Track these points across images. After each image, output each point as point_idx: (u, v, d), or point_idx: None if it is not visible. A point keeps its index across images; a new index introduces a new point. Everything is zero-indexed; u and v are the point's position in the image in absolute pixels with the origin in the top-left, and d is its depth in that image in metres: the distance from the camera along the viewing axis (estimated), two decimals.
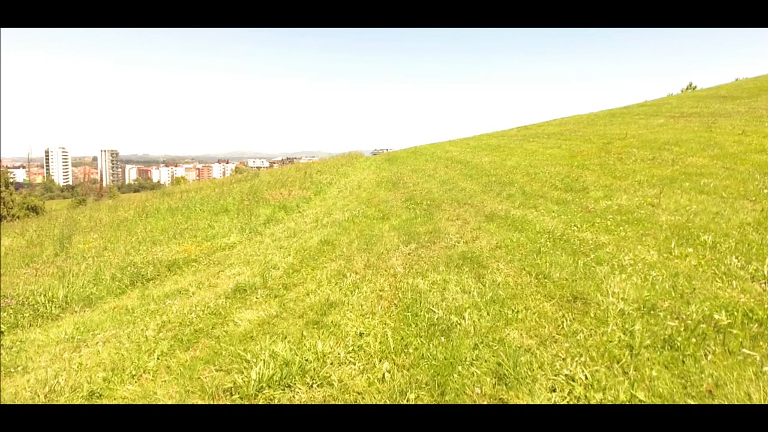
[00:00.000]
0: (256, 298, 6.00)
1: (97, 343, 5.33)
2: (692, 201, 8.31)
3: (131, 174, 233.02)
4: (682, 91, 51.00)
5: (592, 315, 4.07)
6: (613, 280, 4.82)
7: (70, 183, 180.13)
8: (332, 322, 4.64)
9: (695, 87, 52.60)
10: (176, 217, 15.36)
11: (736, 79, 40.11)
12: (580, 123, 28.15)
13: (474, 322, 4.21)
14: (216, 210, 15.45)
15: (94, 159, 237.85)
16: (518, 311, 4.33)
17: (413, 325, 4.34)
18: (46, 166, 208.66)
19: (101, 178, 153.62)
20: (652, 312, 3.97)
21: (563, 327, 3.95)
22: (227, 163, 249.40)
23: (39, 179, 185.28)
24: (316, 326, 4.61)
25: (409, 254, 7.10)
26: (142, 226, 14.88)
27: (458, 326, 4.18)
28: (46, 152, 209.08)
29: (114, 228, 15.62)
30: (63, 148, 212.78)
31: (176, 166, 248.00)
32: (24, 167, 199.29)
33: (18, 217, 46.89)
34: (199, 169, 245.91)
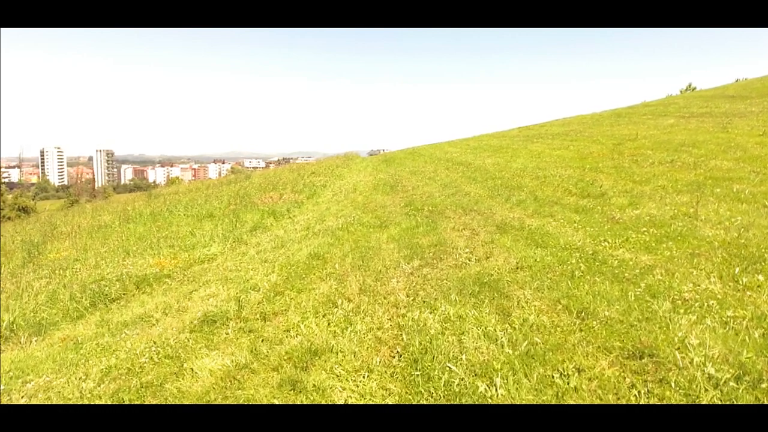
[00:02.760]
0: (226, 333, 4.91)
1: (23, 397, 4.23)
2: (733, 211, 7.26)
3: (127, 174, 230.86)
4: (681, 91, 49.97)
5: (674, 384, 2.97)
6: (681, 322, 3.73)
7: (66, 183, 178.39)
8: (314, 384, 3.51)
9: (695, 88, 51.58)
10: (158, 223, 14.23)
11: (737, 80, 39.20)
12: (585, 123, 27.14)
13: (510, 392, 3.10)
14: (200, 215, 14.32)
15: (90, 159, 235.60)
16: (568, 375, 3.22)
17: (424, 394, 3.23)
18: (42, 166, 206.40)
19: (93, 179, 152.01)
20: (759, 384, 2.88)
21: None
22: (223, 163, 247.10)
23: (34, 179, 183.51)
24: (293, 389, 3.49)
25: (412, 274, 6.03)
26: (119, 232, 13.75)
27: (489, 401, 3.07)
28: (42, 152, 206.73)
29: (91, 234, 14.48)
30: (58, 148, 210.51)
31: (172, 166, 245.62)
32: (19, 167, 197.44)
33: (9, 218, 45.82)
34: (195, 169, 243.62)
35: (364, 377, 3.55)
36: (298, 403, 3.30)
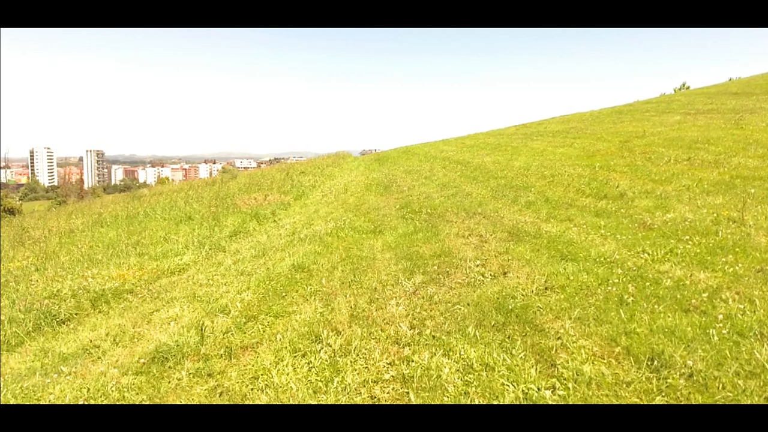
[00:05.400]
0: (179, 378, 3.80)
1: None
2: None
3: (118, 174, 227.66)
4: (675, 90, 49.20)
5: None
6: None
7: (56, 184, 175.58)
8: None
9: (689, 87, 50.86)
10: (131, 227, 13.03)
11: (730, 79, 38.58)
12: (585, 120, 26.20)
13: None
14: (178, 218, 13.14)
15: (80, 159, 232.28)
16: None
17: None
18: (31, 166, 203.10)
19: (82, 179, 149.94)
20: None
21: None
22: (214, 163, 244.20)
23: (24, 180, 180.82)
24: None
25: (415, 294, 4.95)
26: (90, 237, 12.55)
27: None
28: (31, 152, 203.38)
29: (61, 239, 13.27)
30: (48, 149, 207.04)
31: (162, 166, 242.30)
32: (9, 168, 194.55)
33: None
34: (185, 169, 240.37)
35: None
36: None
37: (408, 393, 3.07)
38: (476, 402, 2.89)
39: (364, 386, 3.24)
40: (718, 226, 6.08)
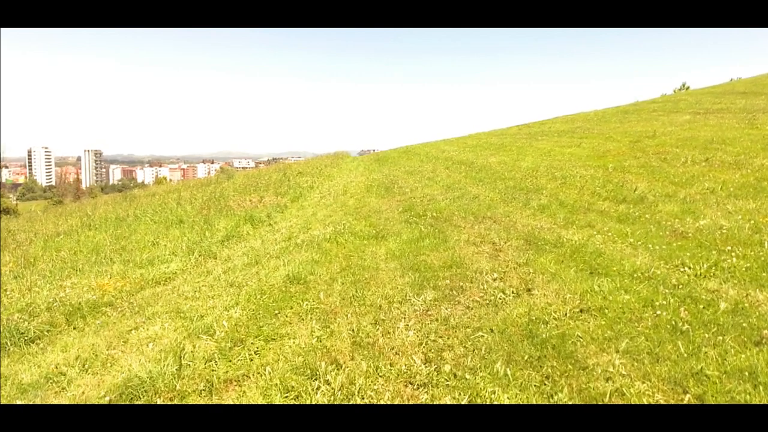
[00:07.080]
0: None
1: None
2: None
3: (116, 174, 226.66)
4: (675, 91, 48.74)
5: None
6: None
7: (53, 183, 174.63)
8: None
9: (689, 87, 50.34)
10: (120, 230, 12.37)
11: (731, 80, 38.14)
12: (590, 120, 25.60)
13: None
14: (169, 221, 12.46)
15: (79, 159, 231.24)
16: None
17: None
18: (29, 166, 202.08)
19: (79, 179, 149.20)
20: None
21: None
22: (212, 163, 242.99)
23: (21, 179, 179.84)
24: None
25: (426, 315, 4.32)
26: (75, 242, 11.88)
27: None
28: (29, 152, 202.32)
29: (45, 243, 12.60)
30: (46, 148, 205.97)
31: (161, 166, 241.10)
32: (7, 167, 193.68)
33: None
34: (184, 169, 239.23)
35: None
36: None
37: None
38: None
39: None
40: (761, 235, 5.46)
